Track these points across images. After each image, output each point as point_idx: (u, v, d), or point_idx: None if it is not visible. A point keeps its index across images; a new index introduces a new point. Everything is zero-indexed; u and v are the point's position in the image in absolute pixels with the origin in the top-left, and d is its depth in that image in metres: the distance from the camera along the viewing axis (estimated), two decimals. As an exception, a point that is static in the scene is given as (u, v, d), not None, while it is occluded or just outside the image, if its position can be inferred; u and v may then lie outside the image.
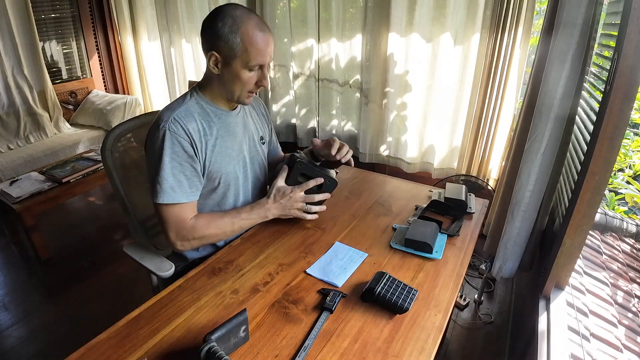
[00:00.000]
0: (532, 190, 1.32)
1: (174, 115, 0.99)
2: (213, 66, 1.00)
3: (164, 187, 0.98)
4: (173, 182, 0.99)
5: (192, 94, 1.06)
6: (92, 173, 2.43)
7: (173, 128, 0.97)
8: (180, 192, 1.00)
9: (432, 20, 2.13)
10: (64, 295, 2.02)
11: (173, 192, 0.99)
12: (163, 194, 0.98)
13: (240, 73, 0.99)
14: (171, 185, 0.99)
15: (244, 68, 0.98)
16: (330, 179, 1.14)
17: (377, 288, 0.88)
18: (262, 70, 1.02)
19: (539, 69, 1.33)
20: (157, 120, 1.00)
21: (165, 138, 0.97)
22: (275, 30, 2.68)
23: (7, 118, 2.94)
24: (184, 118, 1.00)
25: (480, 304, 1.92)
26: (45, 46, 3.23)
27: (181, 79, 3.26)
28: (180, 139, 0.98)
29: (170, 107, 1.02)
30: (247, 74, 1.00)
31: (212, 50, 0.97)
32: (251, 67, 0.99)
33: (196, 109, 1.04)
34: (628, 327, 1.12)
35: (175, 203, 1.00)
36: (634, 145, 2.52)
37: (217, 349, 0.69)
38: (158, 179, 0.98)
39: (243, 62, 0.97)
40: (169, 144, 0.97)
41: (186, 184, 1.01)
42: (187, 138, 0.99)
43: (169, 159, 0.97)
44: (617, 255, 1.51)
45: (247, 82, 1.01)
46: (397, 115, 2.43)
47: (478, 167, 2.26)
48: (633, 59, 0.87)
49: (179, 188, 1.00)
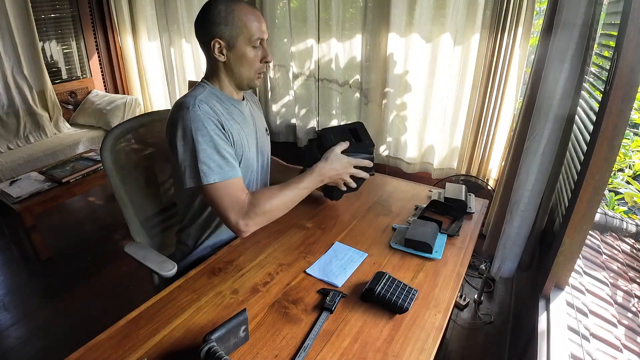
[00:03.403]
0: (531, 190, 1.32)
1: (199, 98, 0.99)
2: (218, 54, 1.02)
3: (211, 165, 0.96)
4: (219, 159, 0.97)
5: (205, 86, 1.06)
6: (92, 173, 2.43)
7: (204, 108, 0.98)
8: (229, 168, 0.99)
9: (432, 20, 2.13)
10: (64, 295, 2.02)
11: (221, 169, 0.97)
12: (212, 172, 0.96)
13: (246, 52, 1.02)
14: (218, 163, 0.97)
15: (248, 45, 1.01)
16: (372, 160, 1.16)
17: (377, 288, 0.88)
18: (263, 45, 1.05)
19: (539, 69, 1.33)
20: (179, 108, 0.98)
21: (200, 119, 0.96)
22: (275, 30, 2.68)
23: (7, 118, 2.94)
24: (208, 101, 1.00)
25: (480, 304, 1.92)
26: (45, 46, 3.22)
27: (181, 79, 3.26)
28: (212, 118, 0.98)
29: (190, 94, 1.01)
30: (252, 51, 1.03)
31: (214, 37, 1.00)
32: (254, 42, 1.02)
33: (213, 98, 1.04)
34: (628, 327, 1.12)
35: (228, 179, 0.98)
36: (633, 145, 2.52)
37: (217, 349, 0.69)
38: (202, 160, 0.95)
39: (246, 39, 1.01)
40: (205, 124, 0.96)
41: (231, 159, 1.00)
42: (217, 117, 1.00)
43: (209, 138, 0.96)
44: (616, 255, 1.51)
45: (253, 60, 1.04)
46: (396, 116, 2.43)
47: (478, 167, 2.26)
48: (633, 59, 0.87)
49: (226, 164, 0.98)
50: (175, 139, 0.97)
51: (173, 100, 3.34)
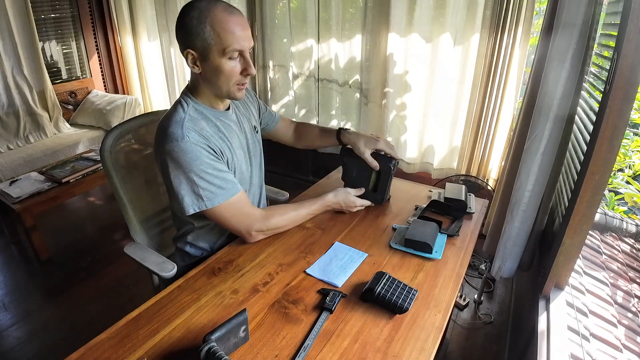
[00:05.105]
0: (531, 190, 1.32)
1: (186, 126, 0.95)
2: (192, 65, 0.95)
3: (212, 190, 0.96)
4: (219, 182, 0.97)
5: (187, 102, 1.01)
6: (91, 173, 2.43)
7: (194, 138, 0.94)
8: (230, 186, 0.99)
9: (432, 20, 2.13)
10: (64, 295, 2.01)
11: (223, 190, 0.98)
12: (215, 196, 0.97)
13: (220, 64, 0.93)
14: (219, 185, 0.97)
15: (222, 57, 0.93)
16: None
17: (377, 288, 0.88)
18: (244, 56, 0.95)
19: (539, 69, 1.33)
20: (168, 139, 0.94)
21: (192, 150, 0.93)
22: (275, 30, 2.68)
23: (6, 118, 2.94)
24: (195, 127, 0.97)
25: (480, 304, 1.92)
26: (45, 46, 3.22)
27: (181, 79, 3.26)
28: (204, 145, 0.96)
29: (174, 120, 0.97)
30: (228, 63, 0.94)
31: (187, 48, 0.93)
32: (229, 54, 0.92)
33: (197, 117, 1.00)
34: (628, 327, 1.12)
35: (231, 197, 0.99)
36: (633, 145, 2.52)
37: (217, 349, 0.69)
38: (202, 187, 0.95)
39: (219, 51, 0.92)
40: (199, 154, 0.94)
41: (230, 177, 1.00)
42: (206, 142, 0.97)
43: (205, 166, 0.95)
44: (616, 255, 1.51)
45: (230, 72, 0.95)
46: (396, 116, 2.43)
47: (478, 167, 2.26)
48: (633, 59, 0.87)
49: (226, 184, 0.99)
50: (167, 169, 0.96)
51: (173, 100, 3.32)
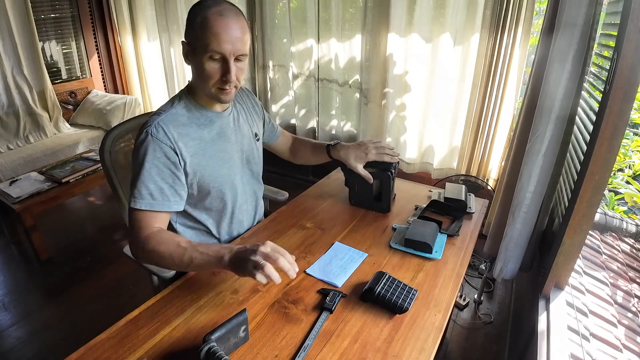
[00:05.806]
0: (533, 191, 1.32)
1: (158, 120, 0.96)
2: (184, 57, 0.97)
3: (143, 193, 0.93)
4: (153, 188, 0.94)
5: (182, 97, 1.03)
6: (91, 173, 2.43)
7: (155, 133, 0.94)
8: (160, 200, 0.95)
9: (432, 20, 2.13)
10: (64, 295, 2.01)
11: (152, 198, 0.94)
12: (141, 199, 0.93)
13: (202, 62, 0.92)
14: (151, 191, 0.93)
15: (203, 55, 0.91)
16: None
17: (376, 288, 0.88)
18: (226, 61, 0.92)
19: (539, 69, 1.33)
20: (143, 125, 0.97)
21: (148, 143, 0.93)
22: (275, 30, 2.68)
23: (6, 118, 2.93)
24: (169, 123, 0.96)
25: (480, 304, 1.92)
26: (44, 46, 3.22)
27: (181, 79, 3.26)
28: (163, 145, 0.94)
29: (158, 112, 1.00)
30: (209, 64, 0.92)
31: (184, 38, 0.95)
32: (210, 54, 0.90)
33: (184, 113, 1.00)
34: (628, 327, 1.12)
35: (150, 210, 0.93)
36: (633, 145, 2.52)
37: (217, 349, 0.69)
38: (137, 184, 0.93)
39: (202, 48, 0.90)
40: (151, 150, 0.93)
41: (167, 192, 0.96)
42: (169, 144, 0.95)
43: (149, 165, 0.93)
44: (616, 255, 1.51)
45: (210, 74, 0.93)
46: (396, 116, 2.43)
47: (478, 167, 2.26)
48: (633, 59, 0.87)
49: (159, 195, 0.95)
50: (133, 154, 0.97)
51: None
